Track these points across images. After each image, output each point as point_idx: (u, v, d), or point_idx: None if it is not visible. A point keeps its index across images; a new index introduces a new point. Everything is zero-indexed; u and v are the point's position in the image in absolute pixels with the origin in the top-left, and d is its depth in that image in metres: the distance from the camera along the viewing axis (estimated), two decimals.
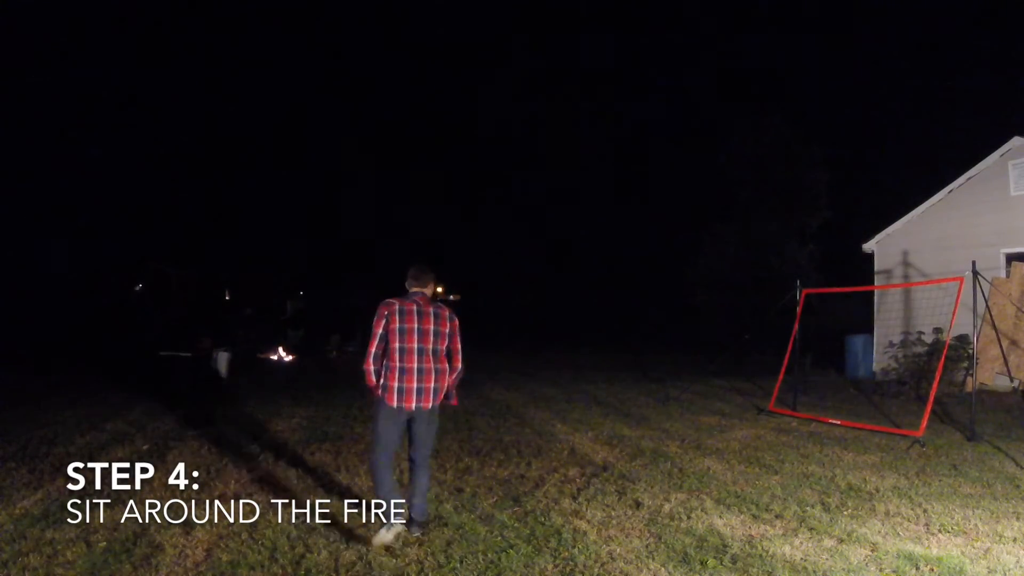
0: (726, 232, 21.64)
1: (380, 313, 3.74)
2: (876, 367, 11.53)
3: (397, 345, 3.71)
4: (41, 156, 24.59)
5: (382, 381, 3.71)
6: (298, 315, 23.98)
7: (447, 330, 3.86)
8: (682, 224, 24.47)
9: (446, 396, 3.91)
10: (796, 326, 8.58)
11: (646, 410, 8.47)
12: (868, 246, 12.21)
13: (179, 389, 10.06)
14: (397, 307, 3.75)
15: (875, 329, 11.82)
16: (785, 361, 8.63)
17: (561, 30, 48.38)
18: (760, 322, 9.92)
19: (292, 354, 15.84)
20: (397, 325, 3.72)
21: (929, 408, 6.73)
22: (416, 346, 3.72)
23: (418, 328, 3.74)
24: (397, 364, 3.69)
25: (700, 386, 10.48)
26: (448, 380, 3.89)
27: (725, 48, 44.34)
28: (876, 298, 12.05)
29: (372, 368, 3.72)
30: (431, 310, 3.82)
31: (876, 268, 12.10)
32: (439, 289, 42.52)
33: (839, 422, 7.34)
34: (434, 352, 3.79)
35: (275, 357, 15.52)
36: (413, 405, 3.70)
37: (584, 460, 5.74)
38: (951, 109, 32.81)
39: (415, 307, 3.78)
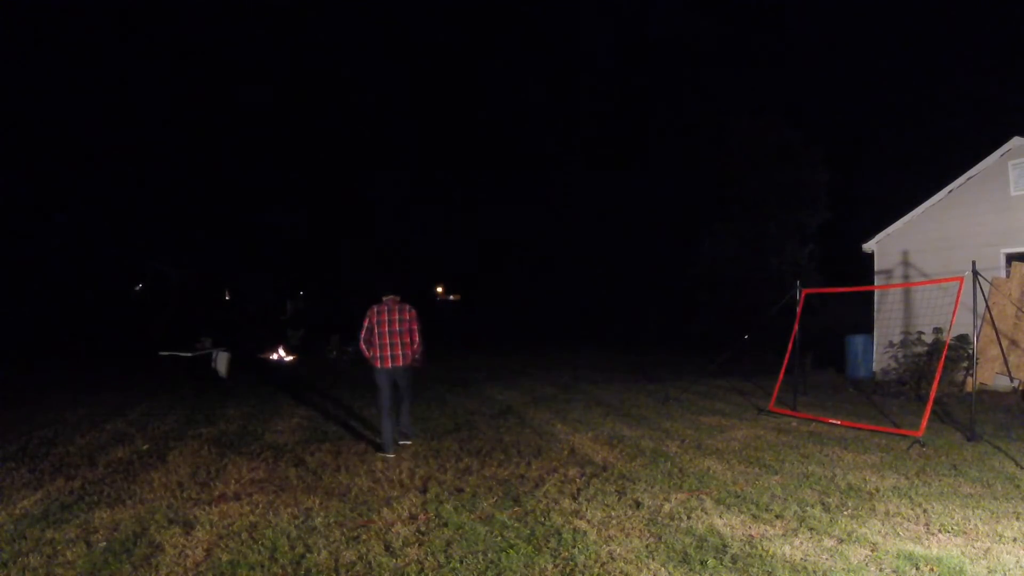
0: (726, 232, 21.63)
1: (368, 313, 6.12)
2: (876, 367, 11.53)
3: (377, 331, 6.04)
4: (41, 155, 24.58)
5: (372, 353, 6.05)
6: (298, 315, 23.98)
7: (408, 318, 6.12)
8: (682, 224, 24.45)
9: (414, 360, 6.16)
10: (796, 326, 8.58)
11: (646, 410, 8.47)
12: (868, 246, 12.20)
13: (179, 389, 10.06)
14: (376, 309, 6.09)
15: (875, 329, 11.81)
16: (785, 361, 8.63)
17: (562, 28, 48.41)
18: (760, 322, 9.91)
19: (292, 354, 15.84)
20: (377, 319, 6.06)
21: (929, 408, 6.73)
22: (388, 330, 6.04)
23: (388, 320, 6.07)
24: (378, 343, 6.04)
25: (700, 386, 10.49)
26: (412, 350, 6.11)
27: (725, 47, 44.33)
28: (876, 298, 12.04)
29: (364, 346, 6.09)
30: (397, 307, 6.11)
31: (876, 268, 12.09)
32: (439, 289, 42.81)
33: (839, 422, 7.34)
34: (401, 333, 6.07)
35: (275, 357, 15.52)
36: (390, 365, 6.03)
37: (584, 460, 5.74)
38: (951, 109, 32.79)
39: (387, 308, 6.11)
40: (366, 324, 6.05)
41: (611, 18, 45.93)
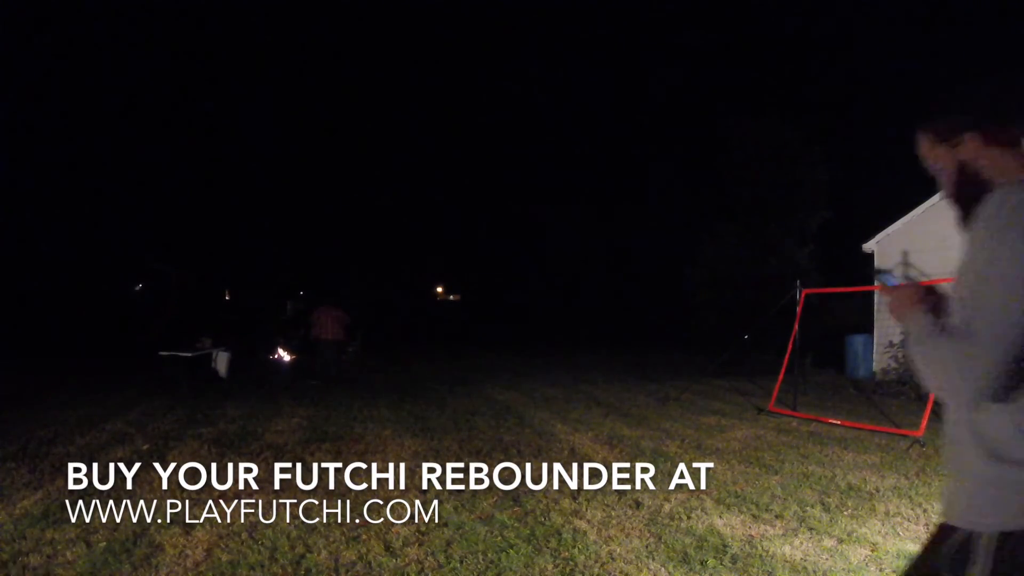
0: (726, 232, 21.62)
1: (316, 310, 11.38)
2: (876, 367, 11.54)
3: (320, 323, 11.17)
4: (41, 155, 24.59)
5: (315, 330, 11.19)
6: (298, 315, 23.95)
7: (338, 316, 11.21)
8: (682, 224, 24.47)
9: (340, 339, 11.39)
10: (796, 326, 8.58)
11: (646, 410, 8.47)
12: (868, 246, 12.20)
13: (179, 389, 10.06)
14: (320, 309, 11.34)
15: (875, 329, 11.81)
16: (785, 361, 8.63)
17: (562, 28, 48.41)
18: (760, 322, 9.91)
19: (292, 354, 15.83)
20: (324, 314, 11.17)
21: (929, 408, 6.73)
22: (324, 321, 11.16)
23: (328, 316, 11.18)
24: (321, 328, 11.15)
25: (700, 386, 10.49)
26: (338, 334, 11.27)
27: (726, 47, 44.33)
28: (876, 298, 12.04)
29: (312, 330, 11.21)
30: (333, 310, 11.29)
31: (876, 268, 12.10)
32: (439, 289, 42.97)
33: (839, 422, 7.35)
34: (331, 323, 11.17)
35: (275, 357, 15.51)
36: (325, 337, 11.12)
37: (584, 460, 5.73)
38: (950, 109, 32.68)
39: (327, 309, 11.26)
40: (314, 316, 11.26)
41: (611, 17, 45.92)
